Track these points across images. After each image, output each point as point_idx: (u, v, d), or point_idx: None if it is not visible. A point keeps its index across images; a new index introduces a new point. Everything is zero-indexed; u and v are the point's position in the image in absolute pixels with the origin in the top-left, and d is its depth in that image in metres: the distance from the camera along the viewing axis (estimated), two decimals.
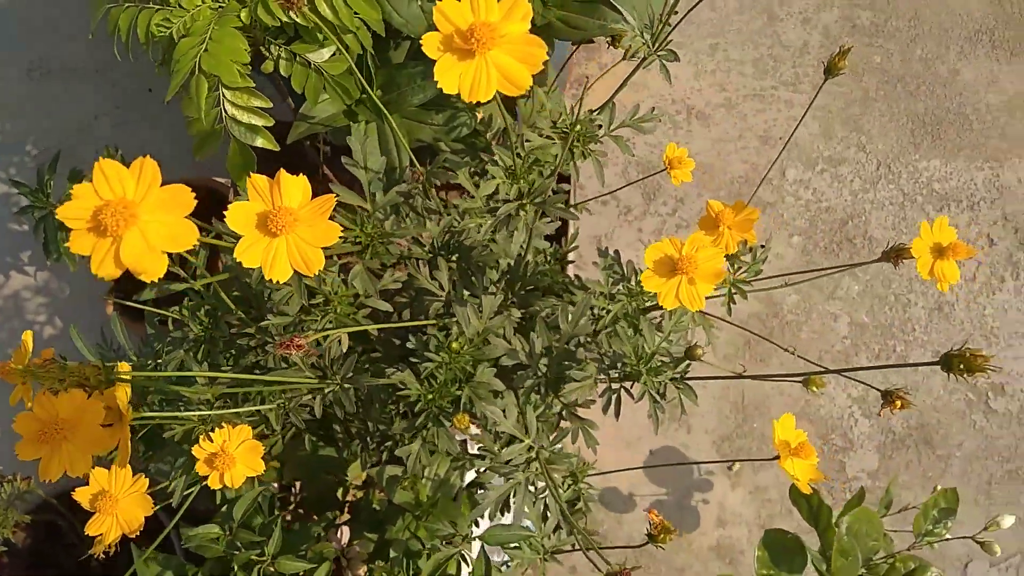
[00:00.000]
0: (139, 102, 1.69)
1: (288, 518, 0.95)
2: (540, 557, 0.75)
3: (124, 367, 0.55)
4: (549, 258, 0.82)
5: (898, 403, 0.64)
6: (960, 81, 1.58)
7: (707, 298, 0.60)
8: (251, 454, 0.64)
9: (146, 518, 0.68)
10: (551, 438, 0.69)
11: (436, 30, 0.48)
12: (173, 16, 0.62)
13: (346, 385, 0.61)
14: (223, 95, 0.64)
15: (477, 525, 0.81)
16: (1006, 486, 1.41)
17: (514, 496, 0.62)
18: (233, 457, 0.63)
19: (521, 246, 0.75)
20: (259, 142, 0.69)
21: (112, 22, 0.64)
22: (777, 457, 0.75)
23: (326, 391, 0.61)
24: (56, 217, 1.09)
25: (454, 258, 0.76)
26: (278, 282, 0.48)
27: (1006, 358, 1.46)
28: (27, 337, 0.78)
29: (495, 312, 0.67)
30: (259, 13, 0.64)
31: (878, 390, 0.70)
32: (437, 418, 0.65)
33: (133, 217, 0.42)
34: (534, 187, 0.63)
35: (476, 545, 0.79)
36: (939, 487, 0.95)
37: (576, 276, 0.86)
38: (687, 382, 0.67)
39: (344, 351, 0.62)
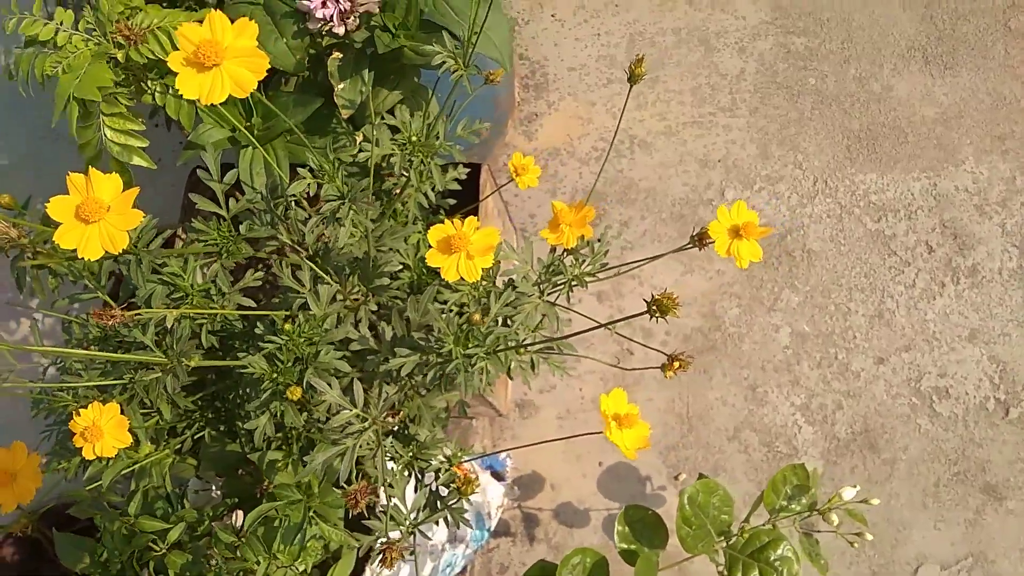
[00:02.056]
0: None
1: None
2: (405, 529, 0.82)
3: None
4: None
5: (676, 364, 0.69)
6: (894, 97, 1.63)
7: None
8: (119, 429, 0.73)
9: None
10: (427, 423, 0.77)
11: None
12: (60, 57, 0.75)
13: (181, 360, 0.70)
14: (102, 121, 0.76)
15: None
16: (954, 488, 1.41)
17: (340, 461, 0.70)
18: (101, 430, 0.72)
19: (353, 240, 0.83)
20: (136, 160, 0.81)
21: (16, 65, 0.77)
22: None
23: (167, 366, 0.71)
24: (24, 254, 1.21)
25: (319, 261, 0.86)
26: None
27: (949, 362, 1.47)
28: None
29: (333, 299, 0.76)
30: (131, 53, 0.76)
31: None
32: (281, 395, 0.74)
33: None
34: (352, 188, 0.73)
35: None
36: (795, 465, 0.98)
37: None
38: (507, 353, 0.74)
39: (186, 335, 0.71)
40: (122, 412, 0.72)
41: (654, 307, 0.62)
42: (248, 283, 0.79)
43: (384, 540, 0.63)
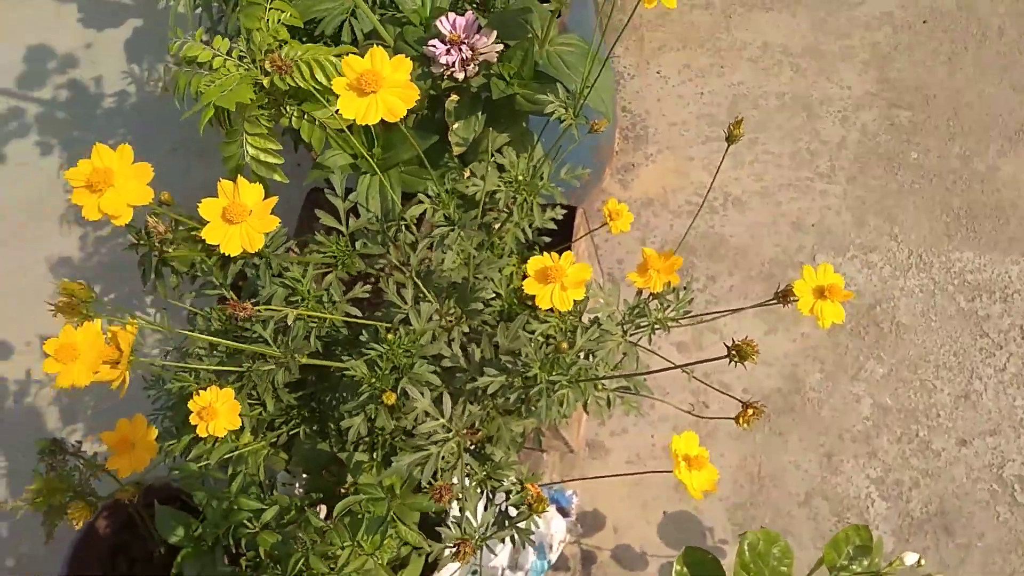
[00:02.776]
0: None
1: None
2: (473, 540, 0.86)
3: (132, 326, 0.75)
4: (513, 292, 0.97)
5: (750, 411, 0.72)
6: (999, 177, 1.62)
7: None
8: (231, 412, 0.81)
9: None
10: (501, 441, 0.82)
11: None
12: (213, 78, 0.85)
13: (295, 355, 0.77)
14: (245, 139, 0.86)
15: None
16: None
17: (423, 468, 0.76)
18: (216, 411, 0.80)
19: (455, 265, 0.90)
20: (275, 177, 0.90)
21: (174, 80, 0.88)
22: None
23: (280, 360, 0.78)
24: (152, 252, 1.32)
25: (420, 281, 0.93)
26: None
27: None
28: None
29: (431, 317, 0.82)
30: (275, 80, 0.85)
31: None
32: (377, 399, 0.80)
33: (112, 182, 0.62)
34: (462, 217, 0.80)
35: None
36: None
37: None
38: (580, 382, 0.78)
39: (300, 334, 0.78)
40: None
41: (734, 352, 0.66)
42: (357, 294, 0.86)
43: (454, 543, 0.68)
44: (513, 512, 0.92)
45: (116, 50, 2.25)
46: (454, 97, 0.97)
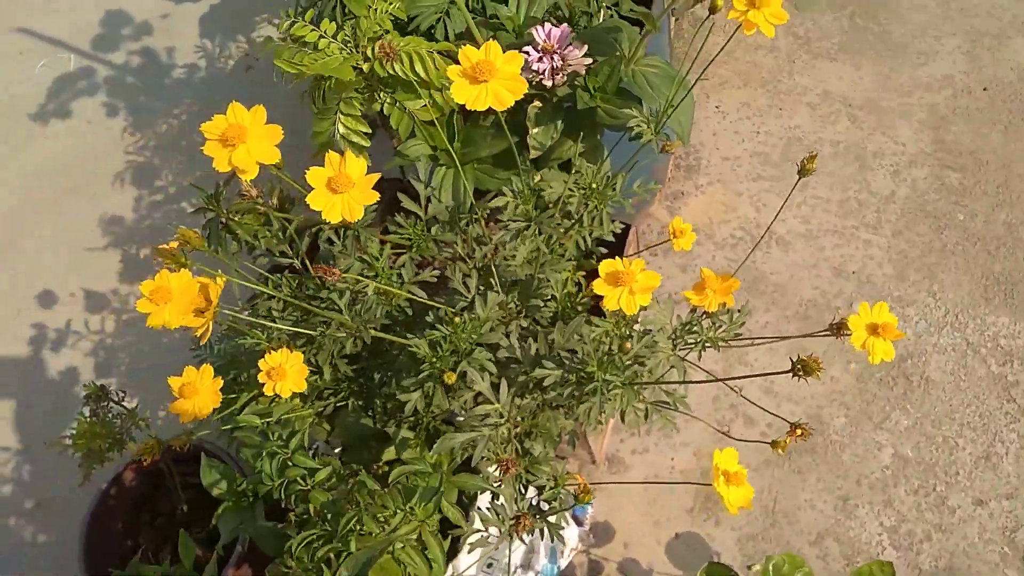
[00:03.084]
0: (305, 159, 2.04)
1: None
2: (504, 530, 0.90)
3: (221, 278, 0.79)
4: (576, 296, 1.00)
5: (798, 431, 0.75)
6: None
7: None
8: (298, 375, 0.85)
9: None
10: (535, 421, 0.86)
11: None
12: (317, 57, 0.89)
13: (368, 327, 0.81)
14: (339, 118, 0.90)
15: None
16: None
17: (474, 447, 0.79)
18: (285, 372, 0.84)
19: (527, 262, 0.94)
20: (360, 158, 0.95)
21: (277, 53, 0.93)
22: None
23: (351, 330, 0.82)
24: (219, 219, 1.38)
25: (492, 276, 0.97)
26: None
27: None
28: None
29: (496, 306, 0.86)
30: (375, 67, 0.90)
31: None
32: (437, 377, 0.84)
33: (246, 138, 0.67)
34: (540, 213, 0.83)
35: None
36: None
37: None
38: (631, 386, 0.82)
39: (375, 306, 0.82)
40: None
41: (799, 367, 0.69)
42: (425, 277, 0.90)
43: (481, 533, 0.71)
44: (545, 507, 0.96)
45: (191, 24, 2.32)
46: (536, 103, 1.02)
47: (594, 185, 0.92)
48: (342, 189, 0.71)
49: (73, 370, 1.87)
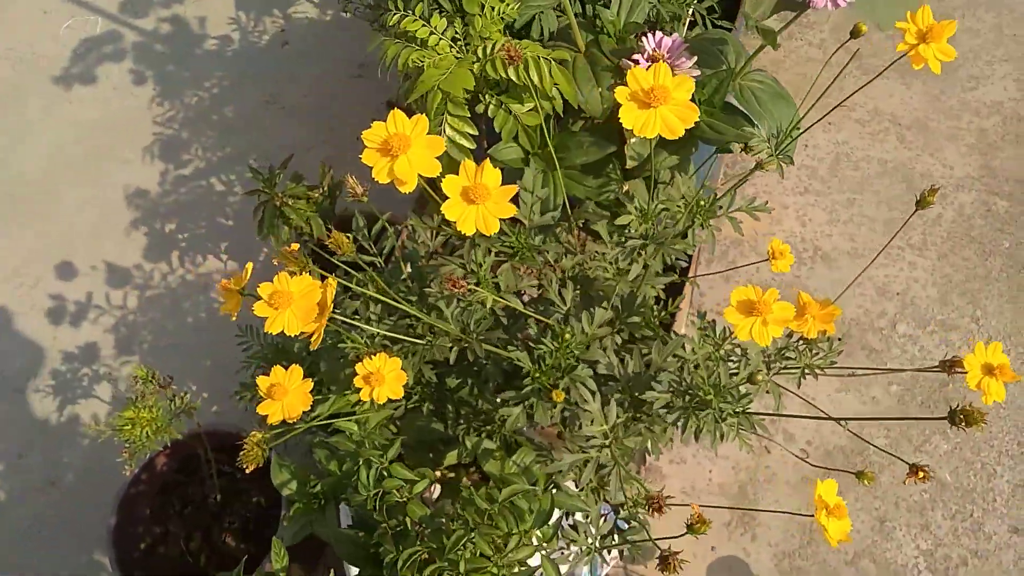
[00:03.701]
0: (346, 146, 2.00)
1: None
2: (585, 548, 0.88)
3: (333, 281, 0.76)
4: (658, 310, 0.99)
5: (920, 474, 0.74)
6: None
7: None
8: (396, 381, 0.82)
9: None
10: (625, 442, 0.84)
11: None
12: (426, 55, 0.86)
13: (480, 339, 0.78)
14: (446, 119, 0.87)
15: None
16: None
17: (582, 469, 0.77)
18: (384, 377, 0.81)
19: (634, 281, 0.92)
20: (464, 159, 0.92)
21: (383, 51, 0.89)
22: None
23: (463, 343, 0.79)
24: (274, 203, 1.35)
25: (578, 286, 0.94)
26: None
27: None
28: (248, 267, 1.01)
29: (602, 324, 0.84)
30: (487, 68, 0.87)
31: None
32: (539, 393, 0.81)
33: (407, 146, 0.63)
34: (655, 233, 0.81)
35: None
36: None
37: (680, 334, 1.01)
38: (750, 416, 0.80)
39: (484, 317, 0.80)
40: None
41: (960, 417, 0.67)
42: (523, 287, 0.88)
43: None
44: (624, 526, 0.94)
45: None
46: None
47: (702, 203, 0.90)
48: (479, 200, 0.68)
49: (92, 345, 1.82)
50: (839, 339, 0.93)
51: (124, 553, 1.39)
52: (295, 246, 0.76)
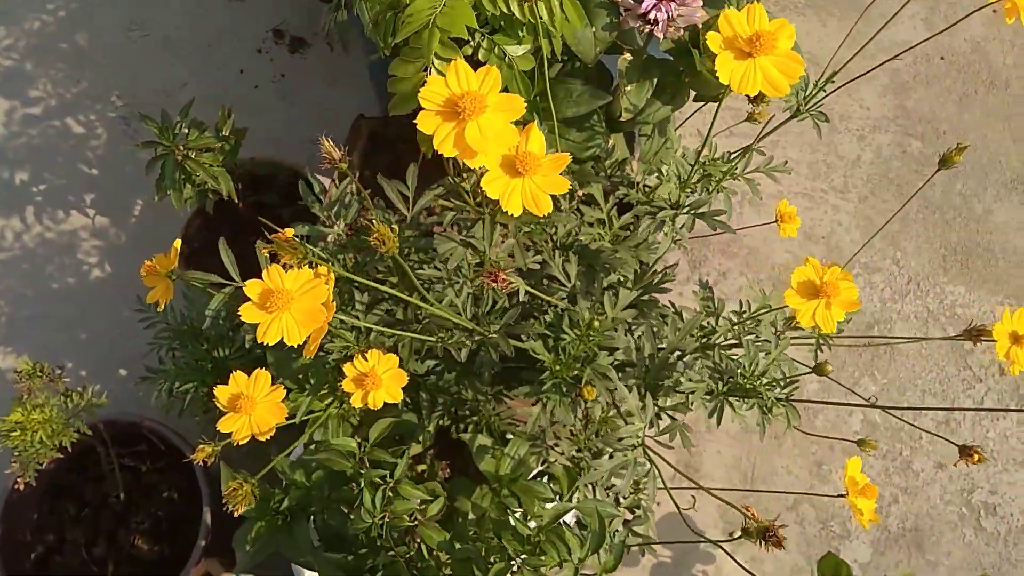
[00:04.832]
0: (227, 84, 1.76)
1: None
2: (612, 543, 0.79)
3: (323, 268, 0.61)
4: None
5: (975, 456, 0.70)
6: (992, 221, 1.71)
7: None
8: (394, 382, 0.69)
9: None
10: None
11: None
12: None
13: (494, 335, 0.67)
14: (433, 63, 0.72)
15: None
16: None
17: (623, 470, 0.68)
18: (381, 380, 0.68)
19: (636, 248, 0.82)
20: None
21: None
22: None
23: (476, 336, 0.67)
24: (175, 156, 1.14)
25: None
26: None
27: (1000, 482, 1.54)
28: (176, 244, 0.84)
29: (626, 306, 0.74)
30: (485, 3, 0.72)
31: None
32: (560, 388, 0.71)
33: (483, 108, 0.49)
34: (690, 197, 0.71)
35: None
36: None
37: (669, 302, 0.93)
38: (792, 403, 0.74)
39: (502, 307, 0.68)
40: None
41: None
42: (531, 262, 0.76)
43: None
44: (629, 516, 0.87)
45: None
46: (627, 56, 0.88)
47: (718, 163, 0.81)
48: (527, 171, 0.55)
49: None
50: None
51: (12, 565, 1.19)
52: (289, 231, 0.60)
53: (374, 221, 0.56)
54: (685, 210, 0.75)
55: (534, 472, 0.88)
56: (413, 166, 0.79)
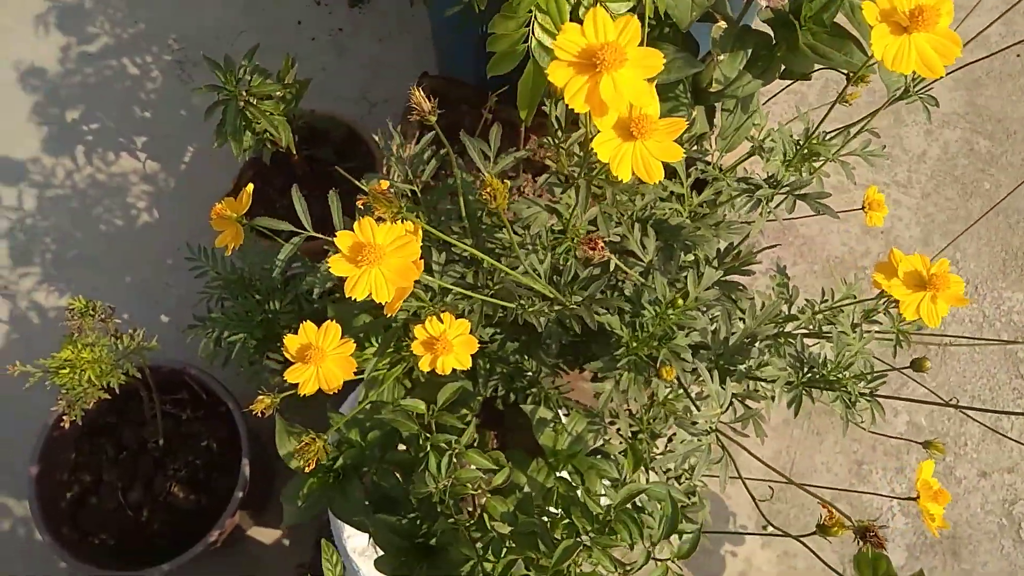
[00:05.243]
0: (285, 35, 1.73)
1: None
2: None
3: (410, 226, 0.58)
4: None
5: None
6: None
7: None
8: (464, 348, 0.67)
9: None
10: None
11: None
12: None
13: (577, 305, 0.64)
14: (535, 19, 0.69)
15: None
16: None
17: (696, 455, 0.66)
18: (452, 345, 0.65)
19: (716, 228, 0.79)
20: (549, 69, 0.74)
21: None
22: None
23: (556, 306, 0.65)
24: (238, 103, 1.12)
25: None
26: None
27: None
28: (248, 189, 0.81)
29: (710, 285, 0.71)
30: None
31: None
32: (636, 365, 0.69)
33: (622, 61, 0.46)
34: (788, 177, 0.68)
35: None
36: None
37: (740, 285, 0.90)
38: (876, 398, 0.71)
39: (589, 276, 0.65)
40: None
41: None
42: (615, 234, 0.73)
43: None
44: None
45: None
46: (721, 24, 0.84)
47: (815, 141, 0.77)
48: (642, 134, 0.52)
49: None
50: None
51: (49, 504, 1.19)
52: (384, 183, 0.57)
53: (486, 174, 0.53)
54: (784, 189, 0.71)
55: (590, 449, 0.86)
56: (497, 125, 0.76)
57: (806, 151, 0.76)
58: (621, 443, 0.84)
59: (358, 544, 0.99)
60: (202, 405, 1.28)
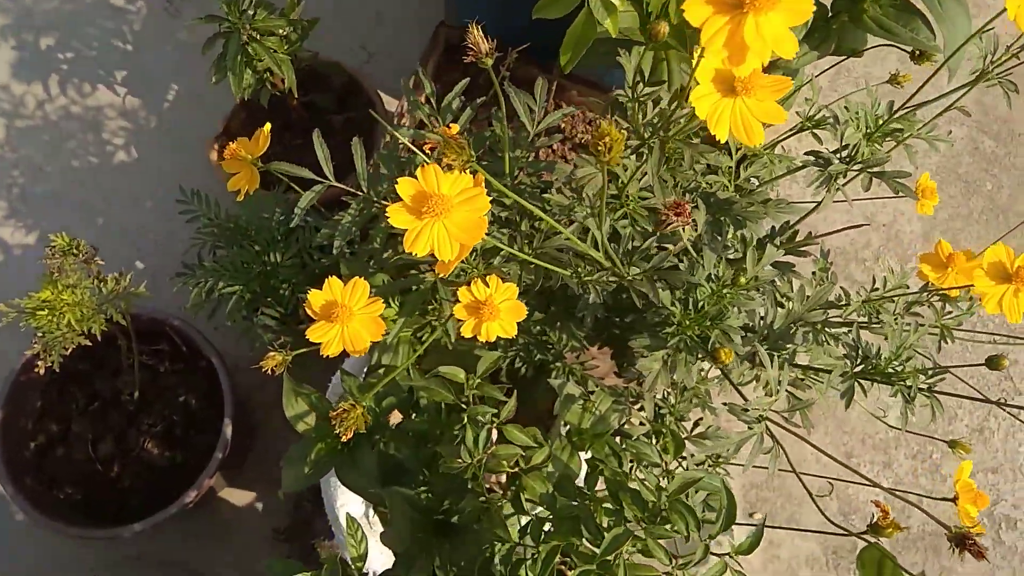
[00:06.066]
0: None
1: None
2: None
3: (469, 176, 0.52)
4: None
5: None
6: None
7: None
8: (511, 315, 0.61)
9: None
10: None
11: None
12: None
13: (637, 277, 0.59)
14: None
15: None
16: None
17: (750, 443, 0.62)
18: (498, 311, 0.60)
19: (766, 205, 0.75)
20: (607, 23, 0.68)
21: None
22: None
23: (613, 277, 0.60)
24: (240, 37, 1.04)
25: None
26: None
27: None
28: (266, 129, 0.75)
29: (769, 264, 0.67)
30: None
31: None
32: (687, 345, 0.64)
33: (774, 3, 0.40)
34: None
35: None
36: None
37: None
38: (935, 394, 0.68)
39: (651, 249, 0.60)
40: None
41: None
42: (670, 203, 0.68)
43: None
44: None
45: None
46: None
47: (882, 118, 0.73)
48: (745, 90, 0.47)
49: None
50: (970, 297, 0.81)
51: (12, 452, 1.11)
52: (455, 127, 0.51)
53: (602, 123, 0.47)
54: (857, 166, 0.67)
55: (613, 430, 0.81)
56: (542, 78, 0.70)
57: (888, 128, 0.72)
58: (641, 424, 0.80)
59: (353, 513, 0.93)
60: (181, 358, 1.20)
